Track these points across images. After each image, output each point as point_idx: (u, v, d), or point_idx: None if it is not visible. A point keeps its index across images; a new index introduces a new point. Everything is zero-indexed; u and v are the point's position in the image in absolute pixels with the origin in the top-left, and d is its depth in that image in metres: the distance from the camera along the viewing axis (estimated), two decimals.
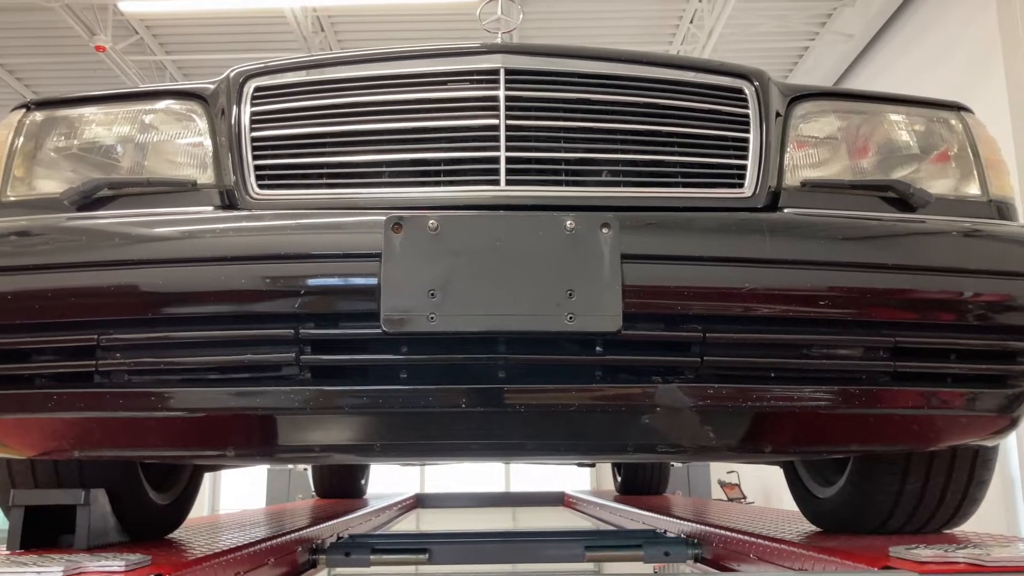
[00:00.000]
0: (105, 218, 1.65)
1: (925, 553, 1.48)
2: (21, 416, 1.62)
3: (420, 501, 5.73)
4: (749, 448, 1.73)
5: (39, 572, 1.40)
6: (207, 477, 2.85)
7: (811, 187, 1.73)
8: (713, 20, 8.79)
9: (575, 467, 9.00)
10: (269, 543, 2.22)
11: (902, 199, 1.74)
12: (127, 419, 1.61)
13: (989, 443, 1.92)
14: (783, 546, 2.01)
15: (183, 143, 1.77)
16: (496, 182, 1.65)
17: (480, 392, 1.56)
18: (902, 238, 1.67)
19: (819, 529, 2.35)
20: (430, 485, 14.36)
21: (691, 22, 9.22)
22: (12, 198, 1.73)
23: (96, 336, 1.55)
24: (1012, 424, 1.78)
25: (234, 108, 1.74)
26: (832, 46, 9.36)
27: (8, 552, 1.78)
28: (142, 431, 1.66)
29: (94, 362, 1.56)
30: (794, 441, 1.74)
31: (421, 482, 14.45)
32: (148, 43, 9.62)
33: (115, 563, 1.45)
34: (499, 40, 1.81)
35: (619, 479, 5.42)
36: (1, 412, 1.61)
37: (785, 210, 1.70)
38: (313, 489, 5.23)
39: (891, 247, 1.64)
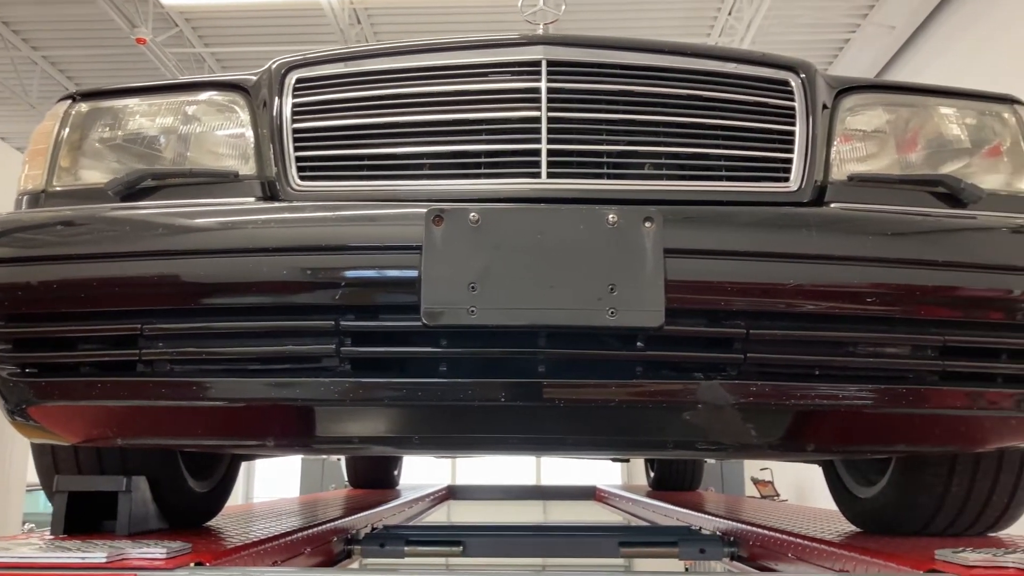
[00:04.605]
0: (148, 208, 1.66)
1: (972, 557, 1.45)
2: (66, 403, 1.64)
3: (452, 493, 5.75)
4: (791, 447, 1.70)
5: (83, 558, 1.42)
6: (243, 465, 2.87)
7: (858, 181, 1.70)
8: (752, 11, 8.68)
9: (608, 462, 8.98)
10: (305, 533, 2.23)
11: (952, 194, 1.70)
12: (169, 408, 1.62)
13: None
14: (822, 546, 1.98)
15: (225, 134, 1.78)
16: (537, 175, 1.64)
17: (519, 386, 1.55)
18: (952, 234, 1.63)
19: (859, 529, 2.31)
20: (461, 477, 14.40)
21: (729, 14, 9.12)
22: (58, 188, 1.75)
23: (140, 325, 1.57)
24: None
25: (276, 100, 1.74)
26: (873, 39, 9.20)
27: (52, 537, 1.81)
28: (183, 420, 1.67)
29: (138, 351, 1.58)
30: (837, 440, 1.71)
31: (452, 473, 14.49)
32: (187, 35, 9.71)
33: (157, 550, 1.46)
34: (540, 31, 1.79)
35: (652, 474, 5.39)
36: (47, 399, 1.63)
37: (832, 205, 1.67)
38: (346, 479, 5.27)
39: (941, 243, 1.60)
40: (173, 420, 1.68)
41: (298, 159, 1.70)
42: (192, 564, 1.49)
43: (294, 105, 1.74)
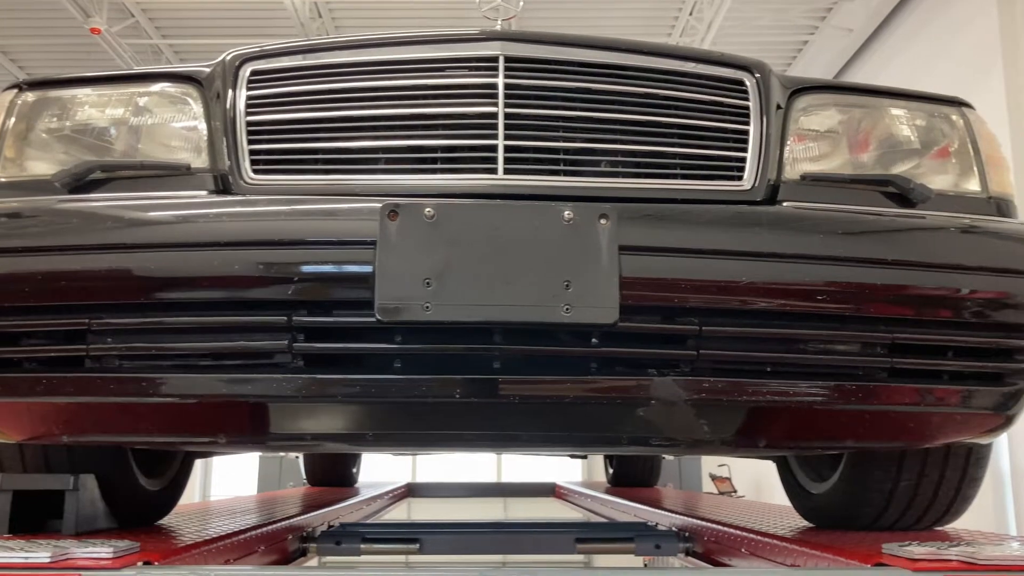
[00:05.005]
0: (97, 201, 1.63)
1: (918, 550, 1.47)
2: (10, 400, 1.60)
3: (411, 490, 5.73)
4: (743, 442, 1.72)
5: (26, 558, 1.39)
6: (199, 463, 2.84)
7: (811, 181, 1.72)
8: (712, 12, 8.76)
9: (567, 458, 9.01)
10: (259, 531, 2.21)
11: (902, 194, 1.73)
12: (118, 404, 1.59)
13: (984, 441, 1.92)
14: (775, 541, 2.00)
15: (177, 127, 1.75)
16: (494, 171, 1.63)
17: (475, 383, 1.55)
18: (901, 233, 1.66)
19: (811, 524, 2.35)
20: (421, 474, 14.37)
21: (691, 14, 9.19)
22: (3, 179, 1.71)
23: (87, 320, 1.53)
24: (1007, 422, 1.78)
25: (229, 92, 1.72)
26: (832, 40, 9.34)
27: None
28: (133, 417, 1.64)
29: (85, 347, 1.54)
30: (789, 436, 1.73)
31: (412, 471, 14.46)
32: (144, 26, 9.55)
33: (103, 549, 1.43)
34: (498, 27, 1.78)
35: (611, 471, 5.42)
36: None
37: (784, 203, 1.69)
38: (304, 477, 5.22)
39: (890, 242, 1.63)
40: (122, 417, 1.65)
41: (252, 152, 1.67)
42: (140, 563, 1.47)
43: (248, 98, 1.71)
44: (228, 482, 14.11)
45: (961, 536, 1.96)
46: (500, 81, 1.67)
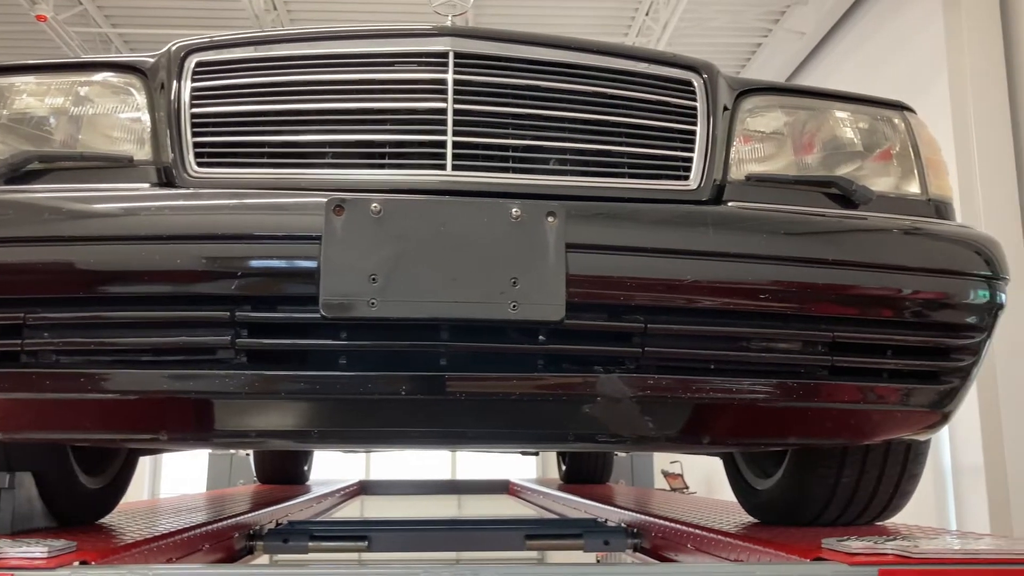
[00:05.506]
0: (35, 192, 1.59)
1: (855, 545, 1.50)
2: None
3: (364, 488, 5.70)
4: (688, 439, 1.74)
5: None
6: (148, 461, 2.80)
7: (756, 181, 1.74)
8: (668, 13, 8.82)
9: (520, 455, 9.03)
10: (204, 529, 2.18)
11: (844, 195, 1.76)
12: (55, 401, 1.56)
13: (922, 438, 1.97)
14: (720, 537, 2.03)
15: (120, 117, 1.72)
16: (442, 167, 1.63)
17: (421, 379, 1.54)
18: (842, 234, 1.69)
19: (756, 520, 2.38)
20: (376, 472, 14.28)
21: (647, 14, 9.25)
22: None
23: (23, 315, 1.50)
24: (944, 419, 1.82)
25: (174, 83, 1.69)
26: (785, 43, 9.46)
27: None
28: (71, 413, 1.61)
29: (20, 341, 1.51)
30: (732, 433, 1.75)
31: (367, 469, 14.36)
32: (92, 14, 9.33)
33: (37, 549, 1.40)
34: (449, 23, 1.78)
35: (564, 468, 5.45)
36: None
37: (729, 203, 1.71)
38: (255, 474, 5.17)
39: (831, 243, 1.66)
40: (60, 413, 1.61)
41: (196, 145, 1.65)
42: (76, 563, 1.43)
43: (193, 89, 1.69)
44: (178, 480, 13.89)
45: (899, 530, 2.01)
46: (450, 77, 1.67)
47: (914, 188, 1.87)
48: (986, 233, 1.82)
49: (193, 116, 1.66)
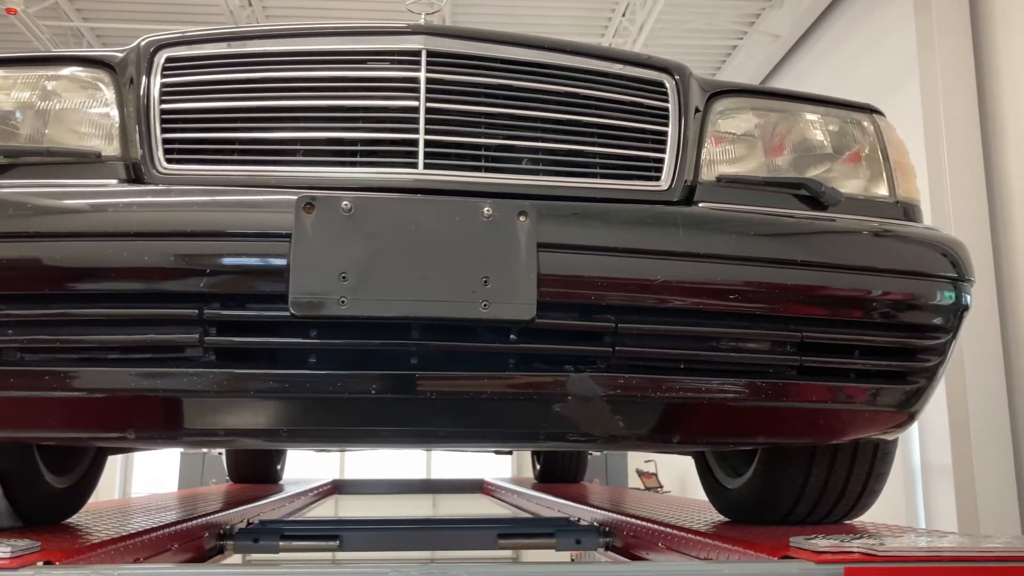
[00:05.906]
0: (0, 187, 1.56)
1: (822, 543, 1.52)
2: None
3: (337, 487, 5.67)
4: (658, 438, 1.75)
5: None
6: (119, 460, 2.77)
7: (726, 182, 1.76)
8: (645, 15, 8.86)
9: (494, 454, 9.03)
10: (173, 528, 2.16)
11: (814, 197, 1.78)
12: (20, 399, 1.54)
13: (889, 437, 1.99)
14: (691, 535, 2.04)
15: (88, 113, 1.70)
16: (414, 165, 1.62)
17: (392, 378, 1.54)
18: (811, 235, 1.71)
19: (727, 519, 2.40)
20: (350, 471, 14.22)
21: (623, 16, 9.28)
22: None
23: None
24: (910, 419, 1.85)
25: (143, 78, 1.67)
26: (760, 46, 9.53)
27: None
28: (37, 411, 1.59)
29: None
30: (702, 432, 1.76)
31: (341, 468, 14.29)
32: (64, 8, 9.22)
33: (0, 549, 1.38)
34: (423, 22, 1.77)
35: (538, 467, 5.46)
36: None
37: (700, 204, 1.72)
38: (227, 474, 5.13)
39: (800, 244, 1.67)
40: (25, 411, 1.59)
41: (165, 141, 1.63)
42: (40, 563, 1.41)
43: (163, 85, 1.67)
44: (149, 480, 13.75)
45: (867, 529, 2.03)
46: (422, 75, 1.67)
47: (882, 190, 1.89)
48: (952, 235, 1.85)
49: (163, 112, 1.65)
